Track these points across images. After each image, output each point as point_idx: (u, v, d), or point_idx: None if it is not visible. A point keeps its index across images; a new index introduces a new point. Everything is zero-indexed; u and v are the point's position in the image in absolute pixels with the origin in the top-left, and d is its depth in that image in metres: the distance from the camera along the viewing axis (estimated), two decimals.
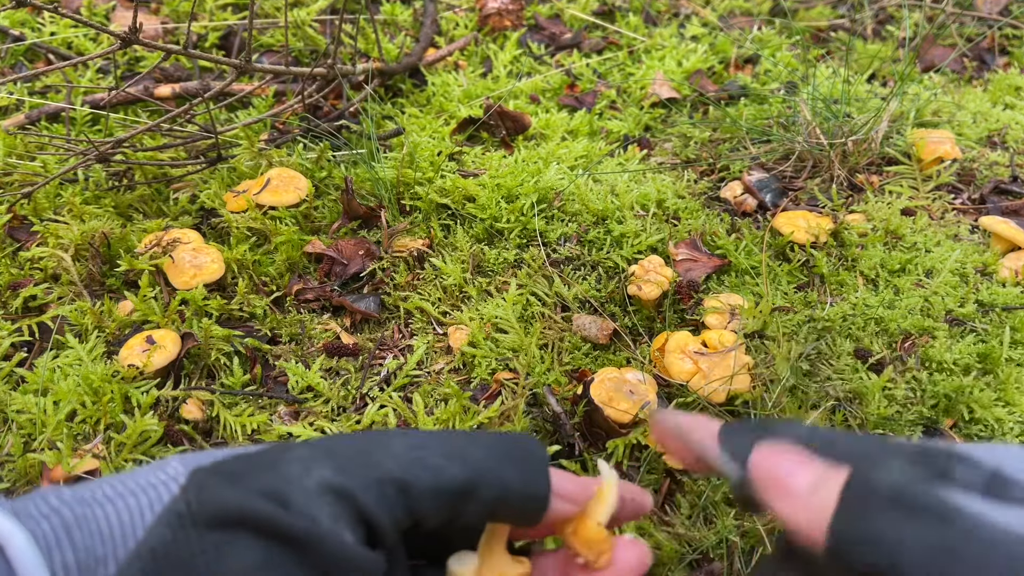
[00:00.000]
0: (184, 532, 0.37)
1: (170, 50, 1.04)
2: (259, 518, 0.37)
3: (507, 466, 0.44)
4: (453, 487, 0.41)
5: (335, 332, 1.03)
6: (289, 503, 0.38)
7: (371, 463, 0.41)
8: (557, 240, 1.13)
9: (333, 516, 0.38)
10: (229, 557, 0.36)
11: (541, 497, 0.44)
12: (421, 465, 0.41)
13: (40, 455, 0.87)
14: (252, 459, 0.40)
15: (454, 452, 0.43)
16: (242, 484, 0.38)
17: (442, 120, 1.36)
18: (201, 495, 0.38)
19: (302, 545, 0.37)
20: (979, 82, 1.56)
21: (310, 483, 0.39)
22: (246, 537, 0.36)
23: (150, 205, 1.20)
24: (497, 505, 0.43)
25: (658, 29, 1.64)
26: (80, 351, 0.98)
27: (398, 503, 0.40)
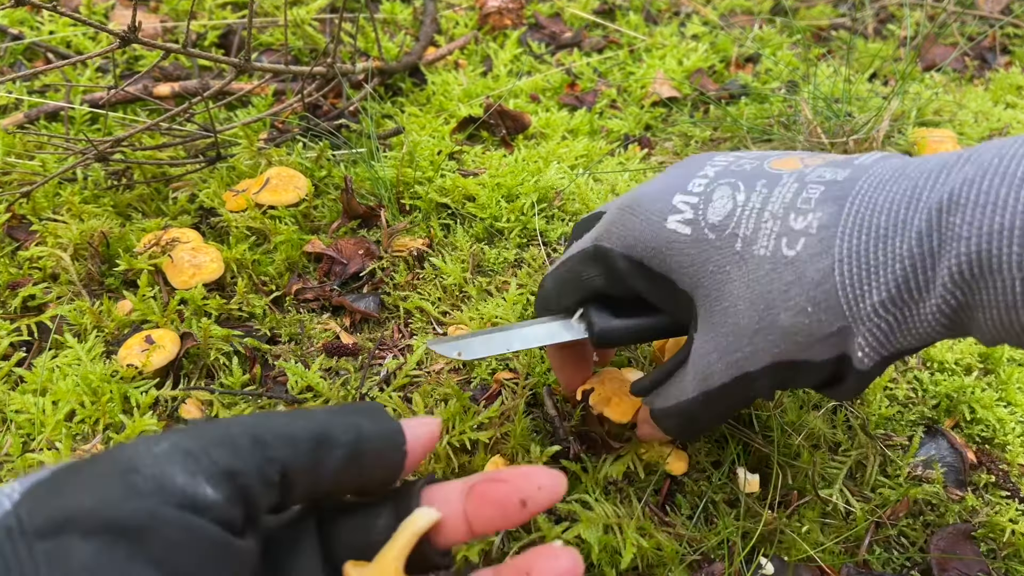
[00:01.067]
0: (13, 547, 0.35)
1: (169, 49, 1.04)
2: (87, 516, 0.35)
3: (354, 415, 0.46)
4: (306, 435, 0.42)
5: (334, 332, 1.03)
6: (137, 468, 0.37)
7: (219, 427, 0.41)
8: (558, 239, 1.12)
9: (188, 471, 0.37)
10: (56, 565, 0.34)
11: (396, 433, 0.46)
12: (270, 423, 0.42)
13: (39, 455, 0.87)
14: (98, 455, 0.40)
15: (299, 415, 0.45)
16: (77, 481, 0.37)
17: (442, 119, 1.36)
18: (33, 505, 0.36)
19: (138, 534, 0.35)
20: (980, 81, 1.55)
21: (159, 449, 0.38)
22: (76, 539, 0.35)
23: (149, 204, 1.19)
24: (356, 448, 0.44)
25: (659, 28, 1.64)
26: (79, 351, 0.98)
27: (255, 452, 0.40)
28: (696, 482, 0.86)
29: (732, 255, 0.60)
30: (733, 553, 0.80)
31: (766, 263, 0.58)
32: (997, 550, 0.82)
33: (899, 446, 0.89)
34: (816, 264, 0.56)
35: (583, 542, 0.78)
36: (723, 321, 0.61)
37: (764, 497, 0.85)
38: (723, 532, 0.81)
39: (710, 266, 0.61)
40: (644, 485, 0.85)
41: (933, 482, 0.86)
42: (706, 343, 0.62)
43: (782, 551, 0.81)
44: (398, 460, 0.46)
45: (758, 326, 0.59)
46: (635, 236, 0.66)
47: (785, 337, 0.58)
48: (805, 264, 0.56)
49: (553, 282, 0.75)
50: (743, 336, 0.60)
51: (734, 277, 0.60)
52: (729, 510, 0.84)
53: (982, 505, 0.85)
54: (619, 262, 0.67)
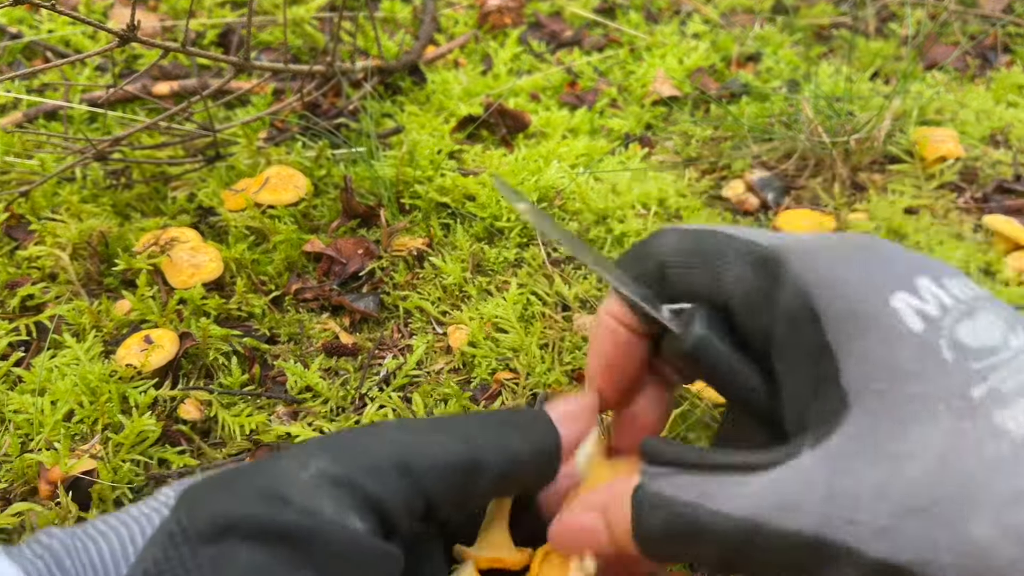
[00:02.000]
0: (176, 550, 0.35)
1: (168, 48, 1.03)
2: (250, 522, 0.35)
3: (508, 433, 0.43)
4: (456, 462, 0.40)
5: (334, 332, 1.02)
6: (287, 498, 0.36)
7: (367, 450, 0.39)
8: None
9: (337, 504, 0.37)
10: (225, 568, 0.34)
11: (552, 449, 0.43)
12: (419, 445, 0.40)
13: (37, 455, 0.86)
14: (244, 468, 0.39)
15: (451, 429, 0.42)
16: (233, 490, 0.37)
17: (442, 118, 1.35)
18: (192, 510, 0.37)
19: (302, 540, 0.35)
20: (982, 80, 1.55)
21: (307, 475, 0.38)
22: (240, 545, 0.35)
23: (148, 204, 1.19)
24: (509, 473, 0.42)
25: (659, 27, 1.63)
26: (77, 351, 0.97)
27: (403, 484, 0.39)
28: None
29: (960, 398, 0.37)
30: None
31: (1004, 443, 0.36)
32: None
33: None
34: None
35: None
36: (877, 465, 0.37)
37: None
38: None
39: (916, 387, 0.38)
40: None
41: None
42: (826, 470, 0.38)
43: None
44: (550, 474, 0.44)
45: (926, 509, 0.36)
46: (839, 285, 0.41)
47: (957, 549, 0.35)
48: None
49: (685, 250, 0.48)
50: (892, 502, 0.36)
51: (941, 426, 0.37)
52: None
53: None
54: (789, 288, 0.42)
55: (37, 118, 1.32)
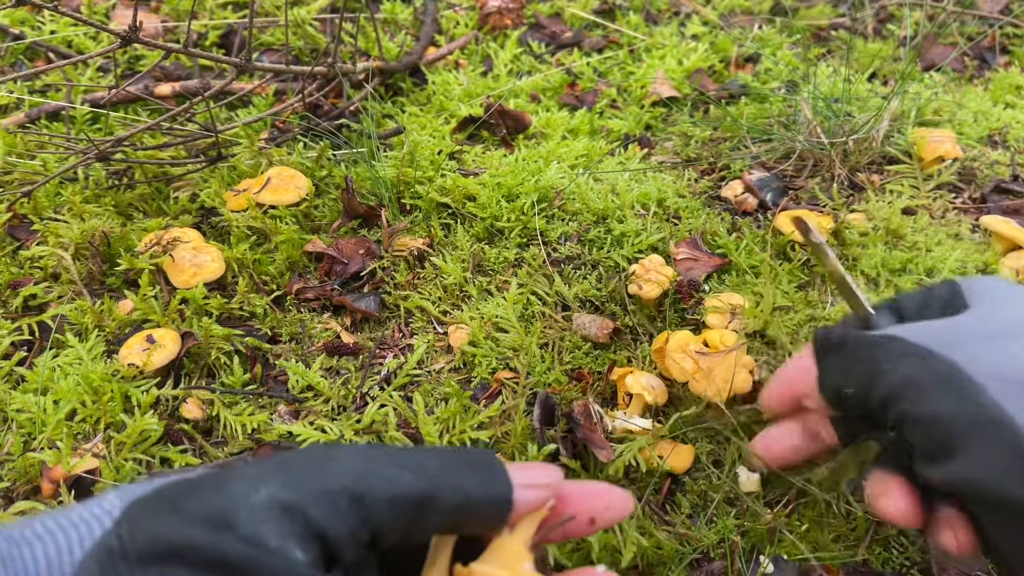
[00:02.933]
0: (114, 569, 0.35)
1: (170, 49, 1.04)
2: (193, 548, 0.35)
3: (464, 472, 0.43)
4: (409, 496, 0.40)
5: (335, 331, 1.03)
6: (233, 524, 0.36)
7: (322, 475, 0.39)
8: (557, 239, 1.13)
9: (281, 534, 0.37)
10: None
11: (504, 498, 0.44)
12: (375, 475, 0.40)
13: (40, 454, 0.87)
14: (196, 481, 0.39)
15: (408, 462, 0.42)
16: (180, 511, 0.37)
17: (442, 119, 1.36)
18: (134, 527, 0.36)
19: (240, 571, 0.35)
20: (980, 81, 1.55)
21: (257, 500, 0.37)
22: (180, 570, 0.35)
23: (150, 204, 1.20)
24: (458, 513, 0.42)
25: (659, 28, 1.64)
26: (80, 350, 0.98)
27: (351, 514, 0.39)
28: (696, 481, 0.86)
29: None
30: (733, 552, 0.80)
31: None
32: None
33: None
34: None
35: (583, 541, 0.78)
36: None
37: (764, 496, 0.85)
38: (723, 531, 0.82)
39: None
40: (644, 484, 0.85)
41: None
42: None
43: (782, 550, 0.81)
44: (499, 522, 0.44)
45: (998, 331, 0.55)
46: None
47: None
48: None
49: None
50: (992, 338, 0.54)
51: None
52: (729, 509, 0.84)
53: None
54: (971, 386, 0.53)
55: (39, 119, 1.32)
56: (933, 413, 0.51)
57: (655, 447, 0.85)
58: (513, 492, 0.44)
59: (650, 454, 0.85)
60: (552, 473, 0.46)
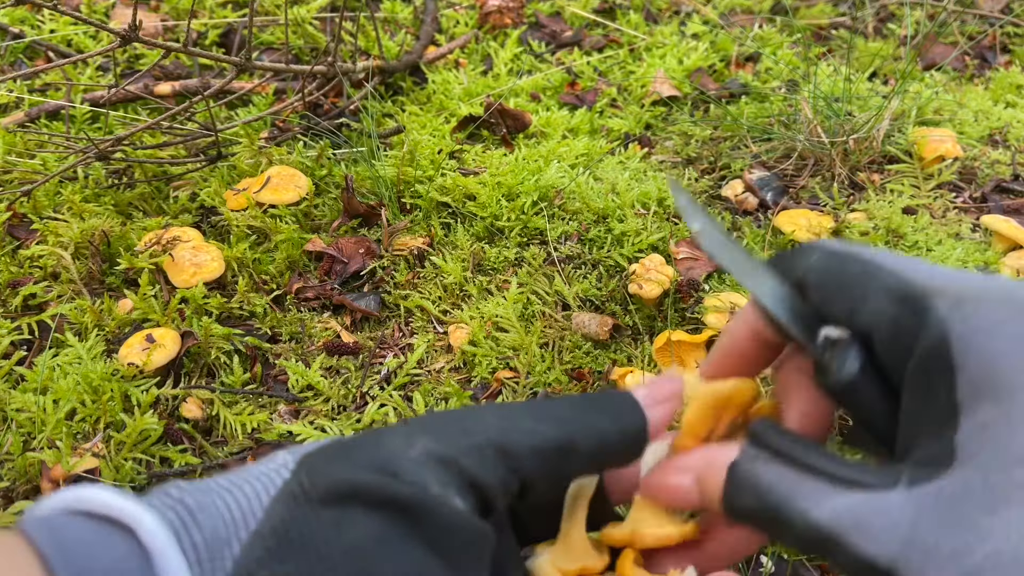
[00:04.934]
0: (300, 510, 0.38)
1: (170, 48, 1.04)
2: (370, 490, 0.38)
3: (597, 416, 0.44)
4: (550, 444, 0.42)
5: (335, 331, 1.03)
6: (397, 473, 0.38)
7: (467, 431, 0.41)
8: (558, 238, 1.12)
9: (441, 482, 0.39)
10: (346, 530, 0.37)
11: (640, 431, 0.45)
12: (515, 429, 0.42)
13: (39, 454, 0.87)
14: (355, 441, 0.42)
15: (543, 414, 0.43)
16: (350, 461, 0.40)
17: (442, 118, 1.36)
18: (313, 475, 0.39)
19: (415, 512, 0.37)
20: (980, 80, 1.55)
21: (414, 453, 0.39)
22: (360, 510, 0.38)
23: (150, 203, 1.19)
24: (599, 453, 0.44)
25: (659, 27, 1.64)
26: (80, 349, 0.98)
27: (500, 465, 0.40)
28: None
29: None
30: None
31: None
32: None
33: None
34: None
35: None
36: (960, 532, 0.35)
37: None
38: None
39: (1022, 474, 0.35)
40: None
41: None
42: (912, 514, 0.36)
43: (782, 550, 0.81)
44: (636, 454, 0.46)
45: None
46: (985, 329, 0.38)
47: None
48: None
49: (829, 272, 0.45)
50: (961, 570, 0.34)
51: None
52: None
53: None
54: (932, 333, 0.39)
55: (39, 118, 1.32)
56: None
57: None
58: (646, 421, 0.45)
59: None
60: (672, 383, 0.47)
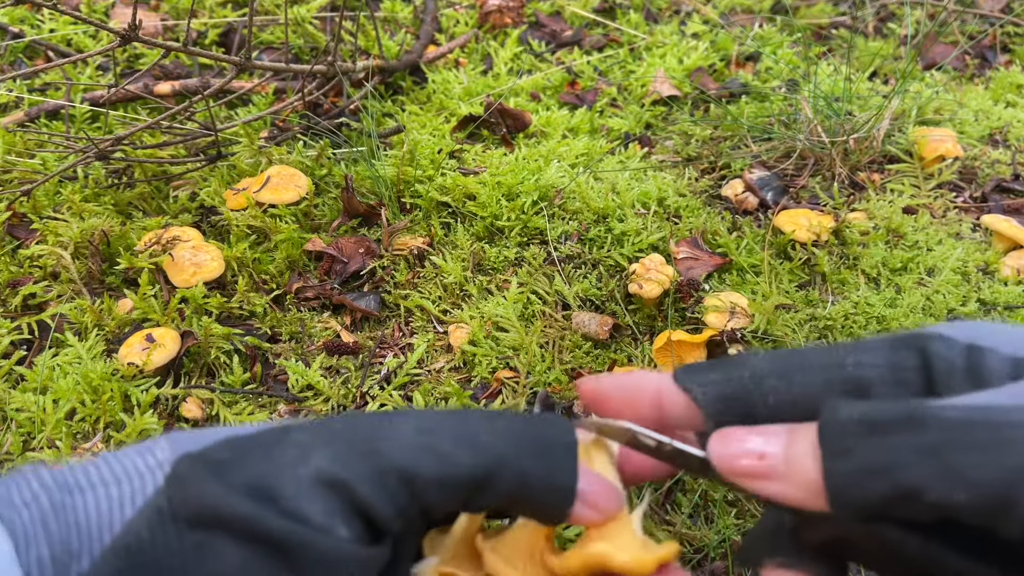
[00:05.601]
0: (163, 530, 0.35)
1: (170, 47, 1.04)
2: (237, 519, 0.35)
3: (527, 454, 0.39)
4: (463, 476, 0.38)
5: (335, 330, 1.03)
6: (278, 498, 0.36)
7: (373, 450, 0.38)
8: (558, 238, 1.12)
9: (326, 511, 0.36)
10: (208, 560, 0.35)
11: (566, 492, 0.39)
12: (428, 452, 0.38)
13: (39, 453, 0.87)
14: (246, 444, 0.38)
15: (466, 438, 0.39)
16: (227, 477, 0.36)
17: (442, 118, 1.36)
18: (182, 490, 0.36)
19: (284, 548, 0.35)
20: (981, 80, 1.55)
21: (304, 472, 0.36)
22: (224, 539, 0.35)
23: (150, 203, 1.19)
24: (513, 497, 0.39)
25: (659, 26, 1.64)
26: (80, 349, 0.98)
27: (401, 493, 0.37)
28: (696, 481, 0.86)
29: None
30: (734, 552, 0.80)
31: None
32: None
33: None
34: None
35: None
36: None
37: None
38: (723, 531, 0.81)
39: None
40: (644, 484, 0.85)
41: None
42: None
43: None
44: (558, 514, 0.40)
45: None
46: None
47: None
48: None
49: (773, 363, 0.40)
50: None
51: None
52: (729, 509, 0.84)
53: None
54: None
55: (39, 117, 1.32)
56: None
57: None
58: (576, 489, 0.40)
59: None
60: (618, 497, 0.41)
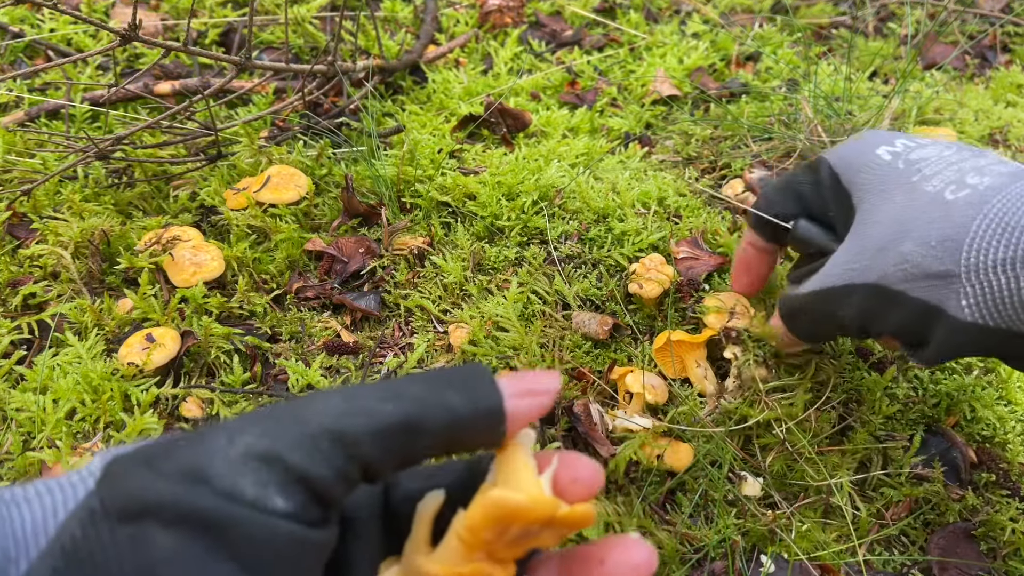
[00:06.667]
0: (95, 528, 0.35)
1: (170, 47, 1.04)
2: (165, 505, 0.35)
3: (448, 391, 0.41)
4: (393, 424, 0.39)
5: (335, 330, 1.03)
6: (209, 478, 0.36)
7: (300, 420, 0.39)
8: (558, 238, 1.12)
9: (259, 483, 0.36)
10: (140, 550, 0.35)
11: (495, 409, 0.42)
12: (355, 412, 0.39)
13: (39, 453, 0.87)
14: (176, 440, 0.39)
15: (388, 393, 0.40)
16: (155, 467, 0.37)
17: (442, 117, 1.36)
18: (112, 487, 0.37)
19: (219, 526, 0.35)
20: (981, 80, 1.55)
21: (234, 452, 0.37)
22: (156, 527, 0.35)
23: (150, 203, 1.19)
24: (449, 431, 0.41)
25: (659, 26, 1.64)
26: (80, 349, 0.98)
27: (335, 454, 0.38)
28: (696, 480, 0.86)
29: (905, 183, 0.70)
30: (734, 552, 0.80)
31: (925, 196, 0.67)
32: (997, 549, 0.83)
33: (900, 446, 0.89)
34: (964, 211, 0.63)
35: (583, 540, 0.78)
36: (862, 233, 0.71)
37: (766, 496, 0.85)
38: (723, 531, 0.81)
39: (882, 186, 0.71)
40: (644, 483, 0.85)
41: (934, 481, 0.86)
42: (840, 252, 0.73)
43: (783, 549, 0.81)
44: (495, 439, 0.42)
45: (883, 245, 0.68)
46: (847, 153, 0.76)
47: (897, 262, 0.66)
48: (956, 208, 0.64)
49: (774, 189, 0.84)
50: (867, 251, 0.69)
51: (895, 200, 0.69)
52: (729, 509, 0.84)
53: (982, 504, 0.85)
54: (824, 171, 0.78)
55: (39, 117, 1.32)
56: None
57: (655, 445, 0.85)
58: (504, 401, 0.42)
59: (651, 451, 0.85)
60: (549, 379, 0.44)
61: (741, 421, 0.88)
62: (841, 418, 0.91)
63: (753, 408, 0.88)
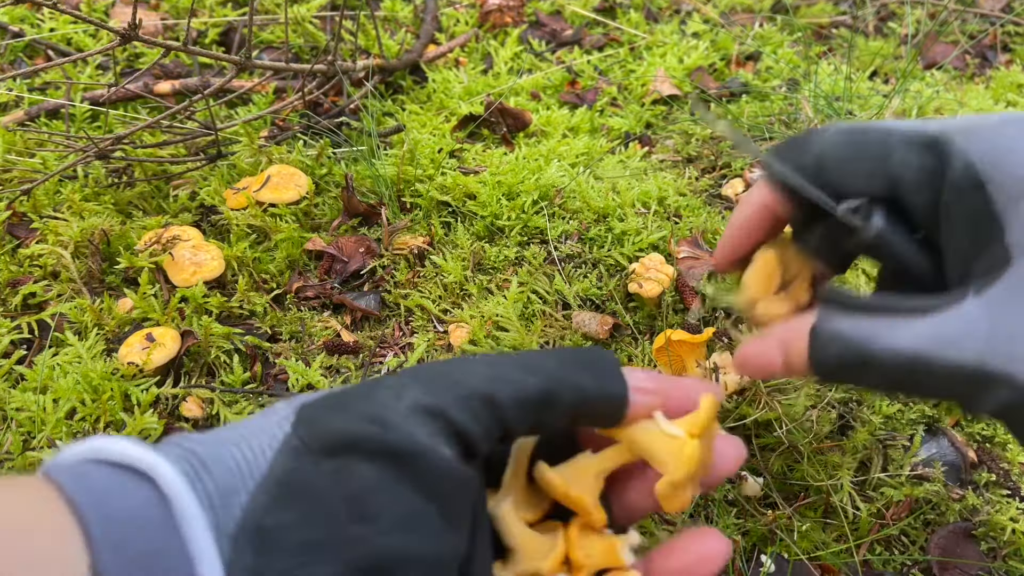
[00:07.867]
0: (301, 461, 0.40)
1: (170, 47, 1.04)
2: (365, 440, 0.40)
3: (580, 372, 0.46)
4: (534, 396, 0.44)
5: (335, 330, 1.03)
6: (388, 425, 0.41)
7: (456, 382, 0.44)
8: (558, 238, 1.12)
9: (429, 432, 0.41)
10: (345, 479, 0.40)
11: (618, 395, 0.47)
12: (502, 380, 0.44)
13: (39, 453, 0.87)
14: (348, 393, 0.44)
15: (530, 366, 0.46)
16: (345, 413, 0.42)
17: (443, 117, 1.36)
18: (311, 428, 0.42)
19: (408, 460, 0.40)
20: (981, 79, 1.55)
21: (402, 405, 0.42)
22: (357, 459, 0.40)
23: (150, 202, 1.19)
24: (577, 408, 0.46)
25: (659, 26, 1.64)
26: (79, 349, 0.98)
27: (486, 415, 0.43)
28: None
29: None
30: (734, 551, 0.80)
31: None
32: (997, 549, 0.83)
33: (901, 446, 0.89)
34: None
35: None
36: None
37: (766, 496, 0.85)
38: (723, 530, 0.81)
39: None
40: None
41: (934, 481, 0.86)
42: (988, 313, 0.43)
43: (783, 549, 0.81)
44: (617, 418, 0.48)
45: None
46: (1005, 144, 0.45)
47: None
48: None
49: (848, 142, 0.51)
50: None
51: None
52: (729, 509, 0.84)
53: (982, 504, 0.85)
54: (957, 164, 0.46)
55: (39, 116, 1.32)
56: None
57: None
58: (628, 391, 0.47)
59: None
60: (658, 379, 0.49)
61: (740, 419, 0.88)
62: (841, 417, 0.91)
63: (753, 408, 0.88)
